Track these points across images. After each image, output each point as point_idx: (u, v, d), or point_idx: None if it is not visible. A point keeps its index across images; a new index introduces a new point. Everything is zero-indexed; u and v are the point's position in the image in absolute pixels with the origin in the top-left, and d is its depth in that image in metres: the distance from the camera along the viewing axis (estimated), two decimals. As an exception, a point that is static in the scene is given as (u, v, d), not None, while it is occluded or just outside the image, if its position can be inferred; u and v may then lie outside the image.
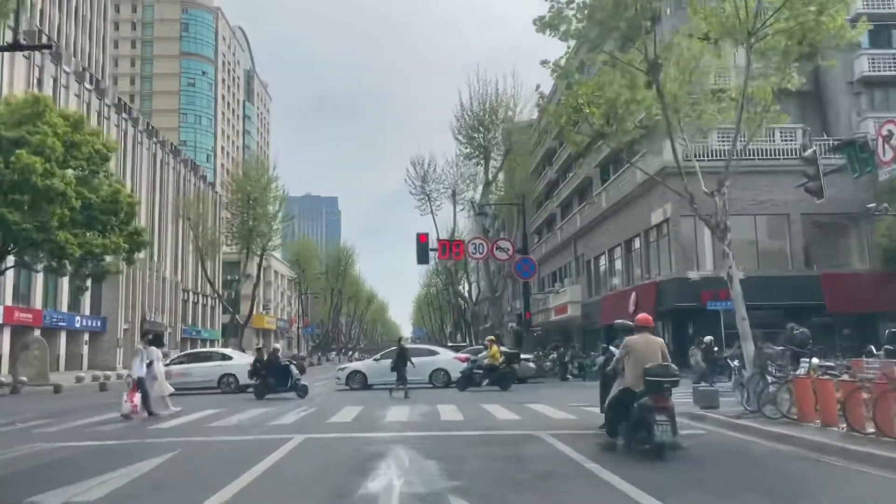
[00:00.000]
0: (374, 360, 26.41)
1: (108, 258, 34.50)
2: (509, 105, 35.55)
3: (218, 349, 30.19)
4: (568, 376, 29.38)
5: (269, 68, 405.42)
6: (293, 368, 21.04)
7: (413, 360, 24.43)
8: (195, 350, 31.18)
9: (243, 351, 35.40)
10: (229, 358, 26.05)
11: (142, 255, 64.48)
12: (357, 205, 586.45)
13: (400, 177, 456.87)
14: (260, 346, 34.17)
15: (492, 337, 28.24)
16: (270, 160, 69.40)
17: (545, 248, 58.84)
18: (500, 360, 23.15)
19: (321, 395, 21.31)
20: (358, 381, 24.74)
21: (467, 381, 22.69)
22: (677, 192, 14.01)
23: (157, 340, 16.06)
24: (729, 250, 12.39)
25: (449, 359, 25.96)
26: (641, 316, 8.75)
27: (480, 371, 22.93)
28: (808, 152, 18.69)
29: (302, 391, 20.58)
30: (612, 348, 10.22)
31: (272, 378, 20.56)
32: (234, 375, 24.57)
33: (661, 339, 8.61)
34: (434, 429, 11.47)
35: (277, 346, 23.31)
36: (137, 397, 14.65)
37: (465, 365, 25.63)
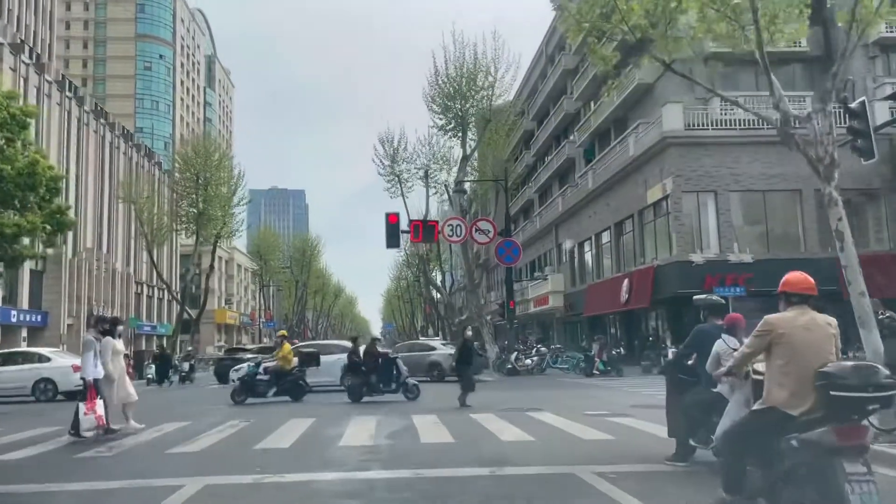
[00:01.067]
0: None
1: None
2: (489, 70, 31.69)
3: (35, 349, 25.51)
4: (595, 371, 25.71)
5: (232, 57, 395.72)
6: (400, 363, 17.10)
7: (323, 357, 20.58)
8: (4, 350, 26.50)
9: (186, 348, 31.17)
10: (47, 359, 21.97)
11: (87, 244, 60.36)
12: (326, 201, 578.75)
13: (371, 174, 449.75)
14: (356, 336, 29.81)
15: (283, 331, 23.55)
16: (228, 142, 65.25)
17: (522, 237, 55.21)
18: (293, 362, 17.98)
19: (266, 400, 17.27)
20: None
21: (246, 388, 17.31)
22: (757, 113, 10.34)
23: (112, 329, 11.56)
24: (837, 195, 8.77)
25: None
26: (796, 276, 4.84)
27: (266, 377, 17.50)
28: (856, 104, 15.15)
29: (412, 392, 16.71)
30: (725, 337, 6.45)
31: (374, 375, 16.60)
32: (51, 380, 20.91)
33: (832, 320, 4.77)
34: (413, 461, 7.58)
35: (378, 335, 18.44)
36: (100, 405, 10.51)
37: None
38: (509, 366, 28.32)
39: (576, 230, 42.24)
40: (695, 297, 7.16)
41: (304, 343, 29.73)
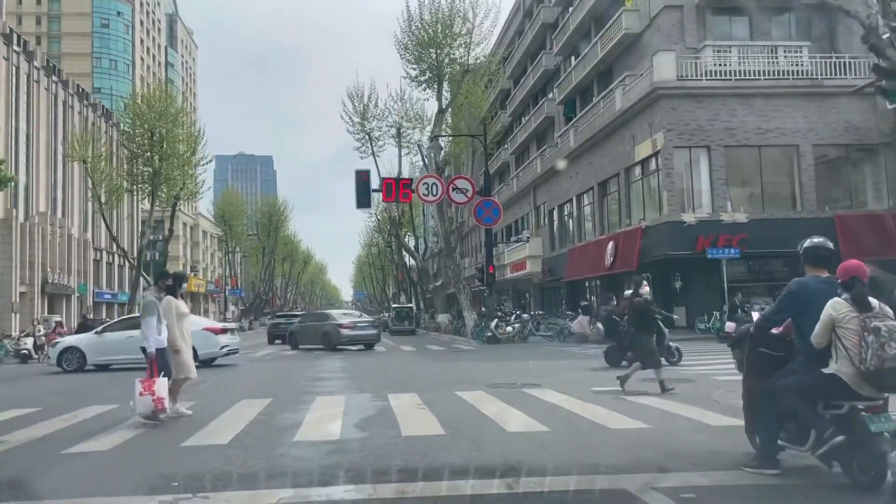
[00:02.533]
0: (97, 332, 19.65)
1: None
2: (467, 16, 29.38)
3: None
4: None
5: (196, 20, 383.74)
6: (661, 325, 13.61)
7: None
8: None
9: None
10: None
11: (40, 208, 57.19)
12: (295, 168, 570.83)
13: (340, 141, 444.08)
14: (611, 295, 26.33)
15: None
16: (192, 104, 61.67)
17: (498, 200, 53.31)
18: None
19: (221, 372, 15.19)
20: (74, 362, 18.29)
21: None
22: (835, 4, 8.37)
23: (175, 287, 9.18)
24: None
25: (197, 331, 18.99)
26: None
27: None
28: (886, 36, 13.29)
29: (674, 355, 14.02)
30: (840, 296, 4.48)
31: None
32: None
33: None
34: (393, 468, 5.39)
35: (644, 289, 13.19)
36: (161, 384, 8.17)
37: (221, 338, 18.86)
38: (489, 333, 26.45)
39: (555, 192, 40.37)
40: (799, 244, 5.15)
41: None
